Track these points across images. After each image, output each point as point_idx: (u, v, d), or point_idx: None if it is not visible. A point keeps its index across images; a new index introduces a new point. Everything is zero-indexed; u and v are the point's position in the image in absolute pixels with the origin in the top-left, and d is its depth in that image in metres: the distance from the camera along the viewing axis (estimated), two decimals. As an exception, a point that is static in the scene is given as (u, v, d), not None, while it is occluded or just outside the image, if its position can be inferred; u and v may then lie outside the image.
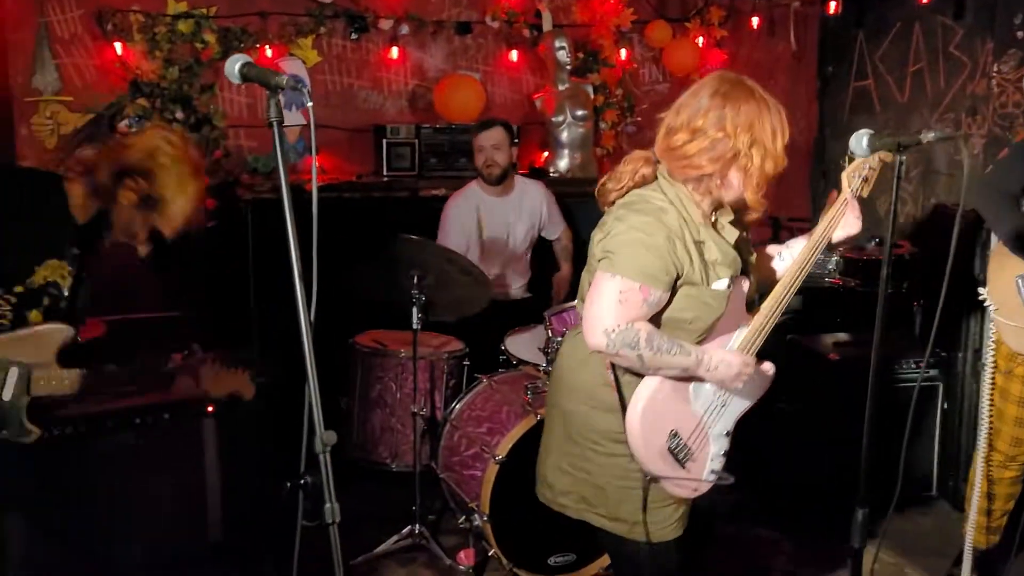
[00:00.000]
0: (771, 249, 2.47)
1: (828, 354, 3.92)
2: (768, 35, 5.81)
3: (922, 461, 3.93)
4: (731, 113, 2.00)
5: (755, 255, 2.32)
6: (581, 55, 5.27)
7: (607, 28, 5.31)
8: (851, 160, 2.23)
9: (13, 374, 2.08)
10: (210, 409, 3.01)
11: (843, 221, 2.24)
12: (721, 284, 2.09)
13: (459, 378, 3.67)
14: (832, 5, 4.96)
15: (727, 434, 2.24)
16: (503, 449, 3.00)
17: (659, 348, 1.99)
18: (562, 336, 3.28)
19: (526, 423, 3.04)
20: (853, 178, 2.24)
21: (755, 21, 5.60)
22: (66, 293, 2.22)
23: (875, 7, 5.46)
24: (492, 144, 4.12)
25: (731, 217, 2.18)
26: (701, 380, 2.12)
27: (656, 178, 2.12)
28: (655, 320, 2.06)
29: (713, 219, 2.15)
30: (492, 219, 4.21)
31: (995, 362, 3.04)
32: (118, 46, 4.37)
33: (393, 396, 3.58)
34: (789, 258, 2.39)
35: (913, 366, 3.91)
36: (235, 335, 4.20)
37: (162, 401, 2.96)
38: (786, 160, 2.06)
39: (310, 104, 1.58)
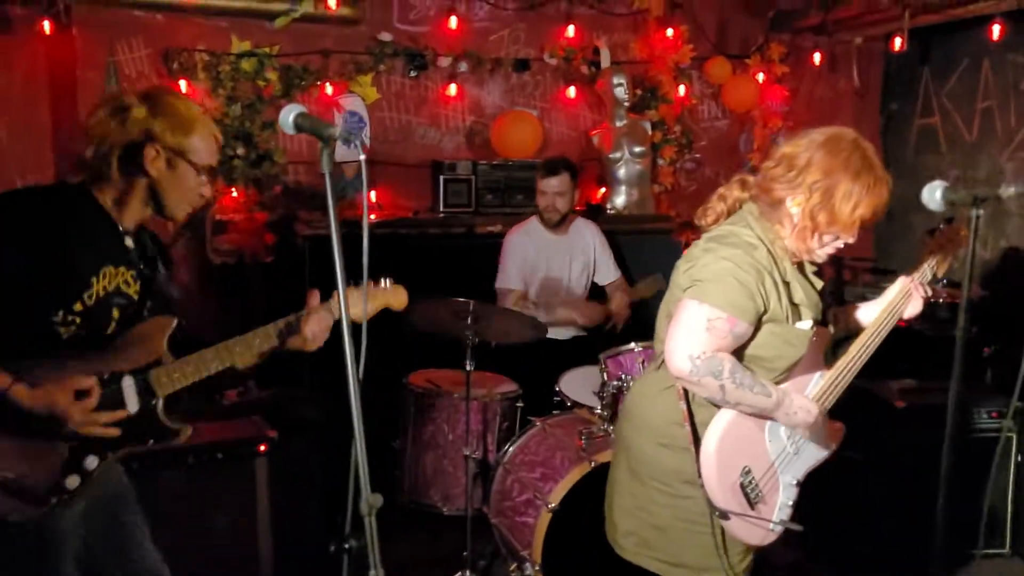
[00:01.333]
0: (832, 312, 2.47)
1: (894, 401, 3.77)
2: (830, 71, 5.72)
3: (996, 517, 3.75)
4: (821, 153, 2.03)
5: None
6: (639, 91, 5.25)
7: (666, 65, 5.28)
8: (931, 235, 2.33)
9: (128, 383, 1.94)
10: (262, 448, 3.01)
11: (912, 302, 2.32)
12: (805, 324, 2.10)
13: (512, 420, 3.62)
14: (897, 42, 4.84)
15: (797, 483, 2.19)
16: (556, 497, 2.93)
17: (742, 383, 1.98)
18: (618, 379, 3.24)
19: (580, 470, 2.97)
20: (932, 256, 2.34)
21: (817, 57, 5.52)
22: (136, 299, 2.06)
23: (942, 44, 5.34)
24: (556, 191, 4.09)
25: (814, 268, 2.21)
26: (776, 422, 2.11)
27: (741, 208, 2.17)
28: (736, 356, 2.05)
29: (797, 265, 2.18)
30: (551, 256, 4.18)
31: None
32: (183, 84, 4.47)
33: (445, 438, 3.54)
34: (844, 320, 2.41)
35: (985, 415, 3.74)
36: (289, 372, 4.21)
37: (215, 440, 2.97)
38: (851, 230, 2.04)
39: (365, 142, 1.55)
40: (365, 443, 1.43)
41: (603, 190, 5.20)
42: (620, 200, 5.09)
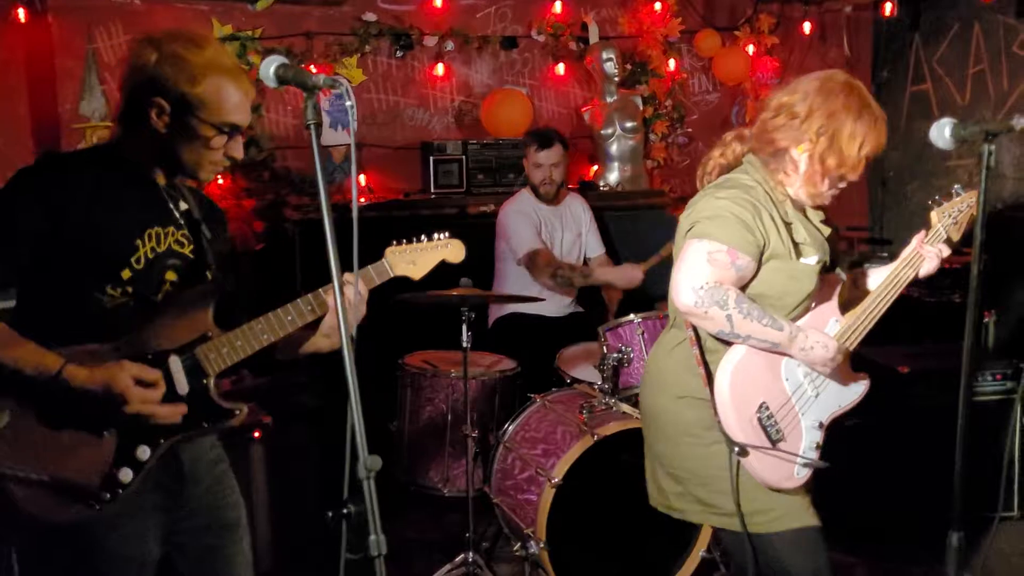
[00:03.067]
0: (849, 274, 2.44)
1: (897, 367, 3.74)
2: (820, 41, 5.67)
3: (1002, 480, 3.71)
4: (819, 99, 2.03)
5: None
6: (629, 66, 5.18)
7: (655, 39, 5.21)
8: (939, 203, 2.25)
9: (176, 364, 1.77)
10: (257, 435, 2.94)
11: (926, 262, 2.24)
12: (810, 260, 2.08)
13: (512, 398, 3.56)
14: (888, 7, 4.79)
15: (820, 426, 2.14)
16: (559, 472, 2.88)
17: (749, 313, 1.97)
18: (618, 351, 3.19)
19: (583, 443, 2.92)
20: (944, 216, 2.25)
21: (807, 27, 5.46)
22: (193, 258, 1.87)
23: (931, 8, 5.29)
24: (552, 163, 4.03)
25: (822, 216, 2.20)
26: (792, 360, 2.07)
27: (742, 161, 2.17)
28: None
29: (804, 213, 2.17)
30: (544, 227, 4.11)
31: None
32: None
33: (444, 418, 3.48)
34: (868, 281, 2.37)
35: (990, 378, 3.71)
36: (286, 366, 4.15)
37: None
38: (858, 169, 2.06)
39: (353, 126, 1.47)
40: (363, 423, 1.36)
41: (595, 167, 5.13)
42: (613, 177, 5.04)
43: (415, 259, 2.08)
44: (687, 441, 2.14)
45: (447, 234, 2.16)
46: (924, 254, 2.25)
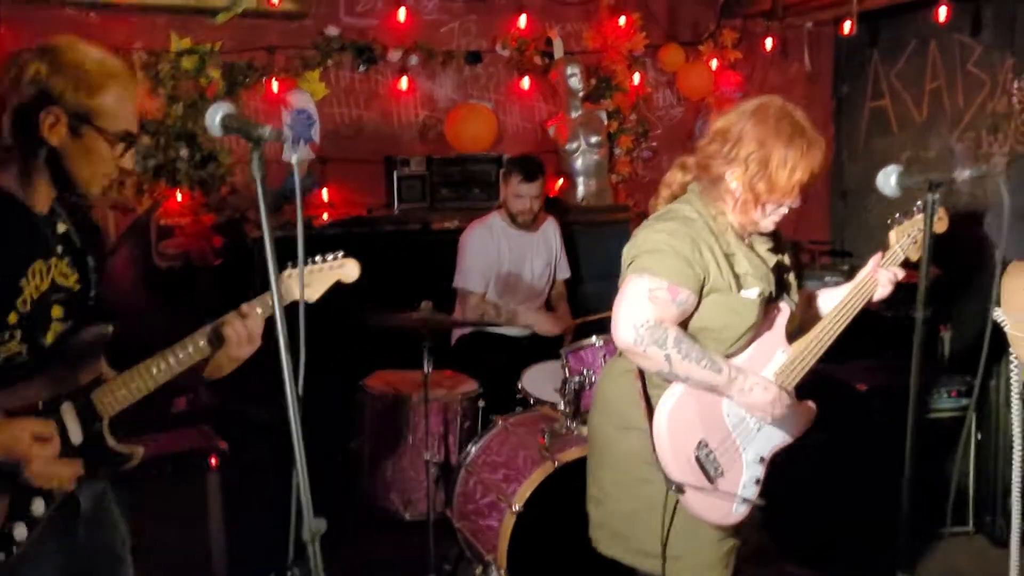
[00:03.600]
0: (807, 292, 2.45)
1: (856, 383, 3.78)
2: (782, 56, 5.73)
3: (959, 496, 3.77)
4: (751, 124, 2.04)
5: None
6: (594, 81, 5.20)
7: (619, 53, 5.23)
8: (900, 221, 2.26)
9: (69, 412, 1.70)
10: (213, 462, 2.90)
11: (881, 284, 2.26)
12: (751, 293, 2.07)
13: (474, 420, 3.56)
14: (847, 25, 4.86)
15: (761, 460, 2.15)
16: (520, 498, 2.87)
17: (688, 354, 1.96)
18: (580, 375, 3.18)
19: (543, 470, 2.91)
20: (903, 236, 2.26)
21: (768, 43, 5.51)
22: (78, 289, 1.79)
23: (890, 26, 5.37)
24: (533, 195, 4.01)
25: (770, 245, 2.18)
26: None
27: (686, 191, 2.18)
28: (684, 328, 2.04)
29: (749, 242, 2.15)
30: (513, 253, 4.09)
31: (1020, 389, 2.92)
32: (121, 85, 4.31)
33: (406, 441, 3.47)
34: (822, 307, 2.37)
35: (946, 395, 3.77)
36: (242, 378, 4.10)
37: (163, 453, 2.86)
38: (792, 195, 2.04)
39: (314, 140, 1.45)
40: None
41: (560, 181, 5.14)
42: (578, 191, 5.04)
43: (309, 281, 2.02)
44: (620, 472, 2.15)
45: (341, 253, 2.11)
46: (878, 279, 2.26)
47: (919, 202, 2.22)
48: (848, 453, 3.66)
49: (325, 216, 4.53)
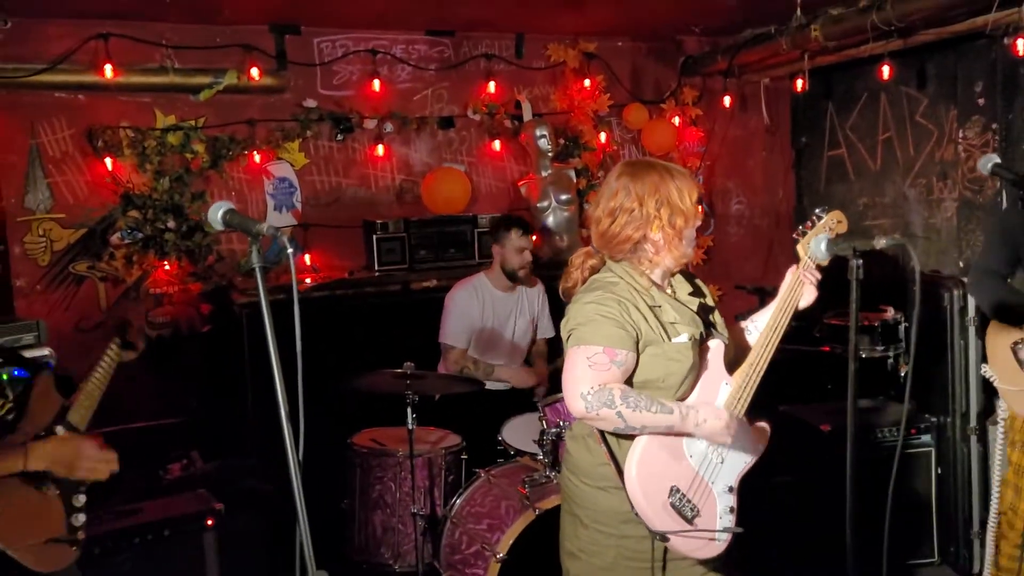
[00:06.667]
0: (740, 324, 2.59)
1: (820, 424, 3.95)
2: (741, 111, 5.98)
3: (921, 528, 3.93)
4: (636, 184, 2.24)
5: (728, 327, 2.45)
6: (562, 141, 5.43)
7: (585, 114, 5.48)
8: (803, 233, 2.39)
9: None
10: (210, 523, 3.02)
11: (805, 290, 2.39)
12: (682, 339, 2.21)
13: (457, 473, 3.69)
14: (799, 83, 5.12)
15: (731, 489, 2.28)
16: (503, 547, 3.01)
17: (636, 405, 2.09)
18: (556, 426, 3.34)
19: (525, 518, 3.06)
20: (808, 246, 2.38)
21: (727, 100, 5.76)
22: (10, 417, 2.22)
23: (842, 81, 5.65)
24: (529, 248, 4.21)
25: (690, 289, 2.36)
26: (691, 436, 2.20)
27: (604, 264, 2.33)
28: (628, 385, 2.17)
29: (671, 291, 2.32)
30: (498, 314, 4.25)
31: (1005, 435, 3.12)
32: (108, 161, 4.49)
33: (393, 496, 3.59)
34: (756, 331, 2.51)
35: (907, 433, 3.94)
36: (233, 442, 4.22)
37: (161, 517, 2.98)
38: (697, 216, 2.27)
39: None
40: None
41: (533, 239, 5.32)
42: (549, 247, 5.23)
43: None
44: (598, 528, 2.24)
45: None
46: (803, 279, 2.37)
47: (817, 209, 2.41)
48: (815, 494, 3.80)
49: (308, 280, 4.69)
